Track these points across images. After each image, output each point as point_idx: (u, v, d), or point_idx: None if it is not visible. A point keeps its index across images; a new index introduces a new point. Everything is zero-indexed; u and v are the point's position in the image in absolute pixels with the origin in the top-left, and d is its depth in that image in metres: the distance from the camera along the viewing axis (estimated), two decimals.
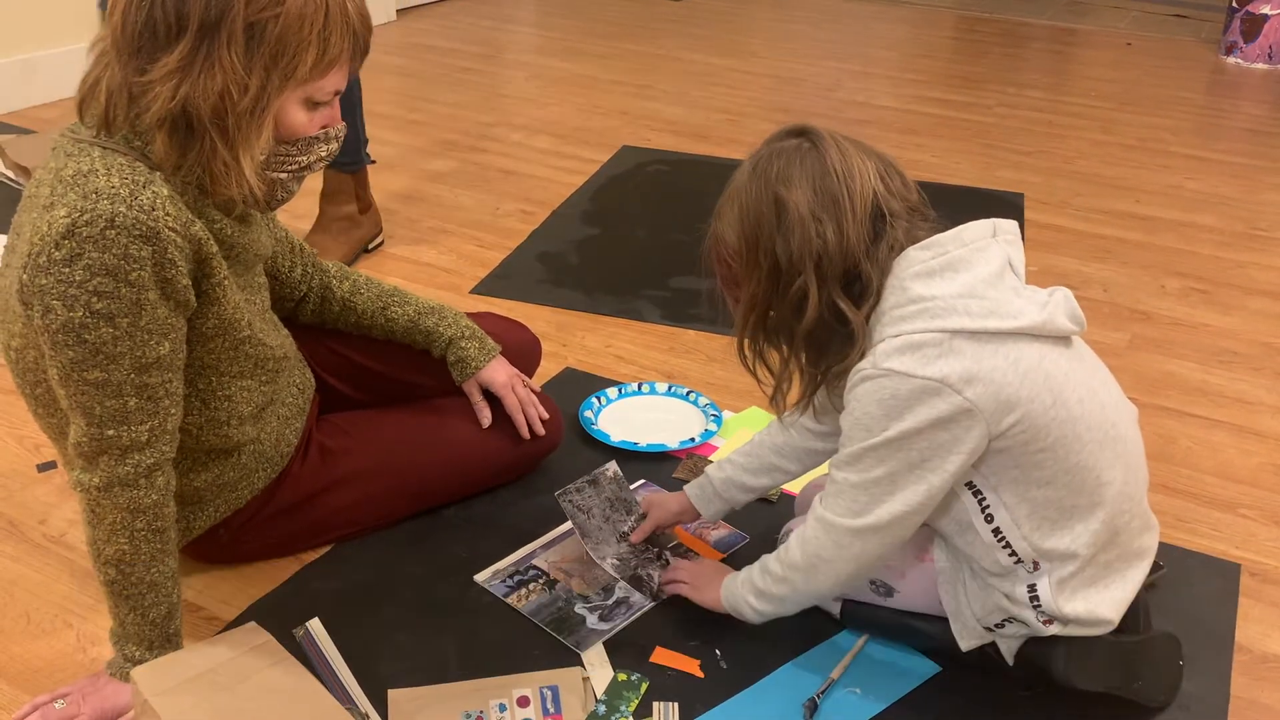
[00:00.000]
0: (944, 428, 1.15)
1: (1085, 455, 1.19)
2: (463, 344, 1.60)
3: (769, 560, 1.34)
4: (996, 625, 1.29)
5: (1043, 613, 1.25)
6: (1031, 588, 1.24)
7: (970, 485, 1.22)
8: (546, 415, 1.66)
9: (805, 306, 1.19)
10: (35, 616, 1.46)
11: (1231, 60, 4.31)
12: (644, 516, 1.57)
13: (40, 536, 1.61)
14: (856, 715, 1.33)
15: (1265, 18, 4.19)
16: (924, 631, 1.37)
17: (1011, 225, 1.24)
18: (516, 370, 1.65)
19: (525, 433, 1.63)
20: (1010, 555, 1.23)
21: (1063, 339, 1.21)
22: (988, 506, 1.22)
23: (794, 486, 1.68)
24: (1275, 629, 1.50)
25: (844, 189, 1.17)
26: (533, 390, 1.68)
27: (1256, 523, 1.71)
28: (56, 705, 1.27)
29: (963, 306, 1.15)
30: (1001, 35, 4.72)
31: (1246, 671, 1.42)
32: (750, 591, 1.35)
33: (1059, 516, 1.21)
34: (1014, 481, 1.20)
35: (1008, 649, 1.31)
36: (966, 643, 1.32)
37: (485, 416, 1.63)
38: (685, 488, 1.55)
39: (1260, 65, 4.25)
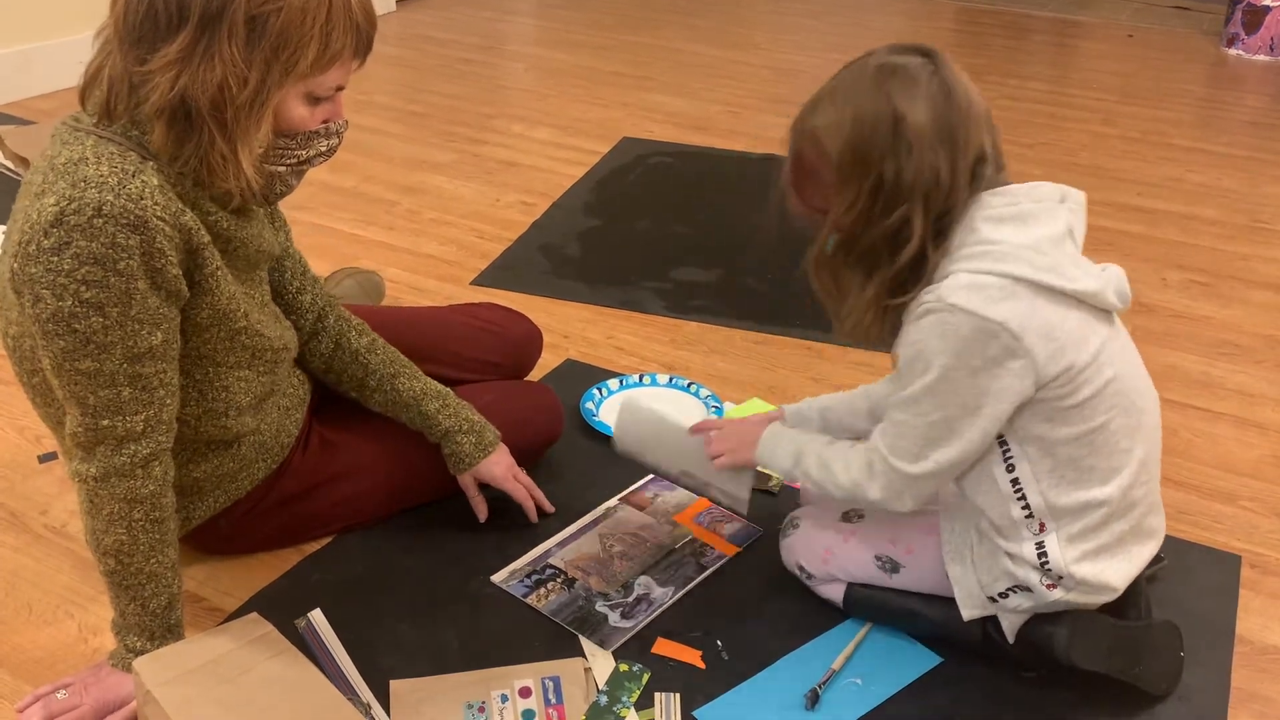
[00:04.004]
0: (998, 371, 1.16)
1: (1111, 420, 1.21)
2: (458, 438, 1.55)
3: (810, 460, 1.33)
4: (1000, 595, 1.29)
5: (1050, 573, 1.25)
6: (1040, 545, 1.25)
7: (997, 434, 1.23)
8: (551, 508, 1.63)
9: (902, 238, 1.16)
10: (37, 607, 1.46)
11: (1233, 52, 4.30)
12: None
13: (42, 527, 1.61)
14: (858, 706, 1.33)
15: (1266, 9, 4.18)
16: (928, 617, 1.37)
17: (1080, 196, 1.24)
18: (513, 462, 1.61)
19: (535, 518, 1.62)
20: (1024, 509, 1.24)
21: (1105, 313, 1.23)
22: (1010, 456, 1.23)
23: None
24: (1276, 621, 1.50)
25: (962, 123, 1.15)
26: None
27: (1257, 515, 1.71)
28: (59, 695, 1.27)
29: (1027, 256, 1.15)
30: (1003, 27, 4.71)
31: (1247, 663, 1.42)
32: (790, 463, 1.37)
33: (1078, 476, 1.23)
34: (1041, 436, 1.21)
35: (1009, 625, 1.31)
36: (969, 611, 1.32)
37: (481, 512, 1.60)
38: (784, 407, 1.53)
39: (1261, 57, 4.24)
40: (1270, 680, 1.40)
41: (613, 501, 1.67)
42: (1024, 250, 1.16)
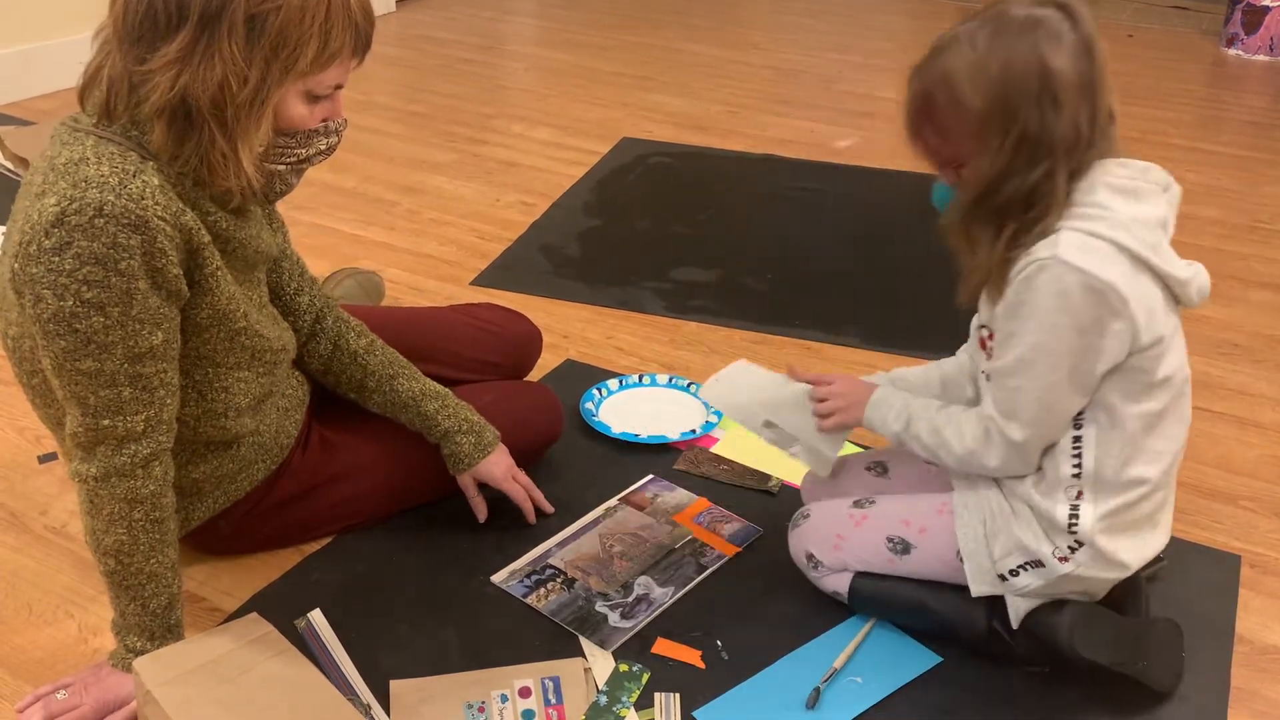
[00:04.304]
0: (1102, 330, 1.17)
1: (1169, 406, 1.25)
2: (457, 438, 1.55)
3: (921, 425, 1.33)
4: (1010, 572, 1.30)
5: (1075, 535, 1.26)
6: (1074, 509, 1.26)
7: None
8: (550, 509, 1.64)
9: (1041, 193, 1.15)
10: (37, 607, 1.47)
11: (1232, 52, 4.30)
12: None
13: (41, 528, 1.61)
14: (857, 704, 1.33)
15: (1266, 9, 4.17)
16: (933, 609, 1.38)
17: (1179, 190, 1.27)
18: (512, 462, 1.60)
19: (533, 519, 1.61)
20: (1074, 469, 1.25)
21: (1176, 305, 1.26)
22: (1082, 416, 1.24)
23: (794, 478, 1.68)
24: (1275, 620, 1.50)
25: (1100, 81, 1.16)
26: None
27: (1257, 514, 1.71)
28: (59, 696, 1.28)
29: (1136, 231, 1.18)
30: None
31: (1246, 663, 1.42)
32: (899, 426, 1.36)
33: (1133, 454, 1.25)
34: (1113, 406, 1.23)
35: (1015, 611, 1.32)
36: (978, 587, 1.32)
37: (481, 513, 1.59)
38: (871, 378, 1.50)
39: (1261, 57, 4.23)
40: (1269, 680, 1.40)
41: (613, 502, 1.68)
42: (1134, 224, 1.18)
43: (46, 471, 1.73)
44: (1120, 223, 1.17)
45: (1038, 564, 1.28)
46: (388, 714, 1.30)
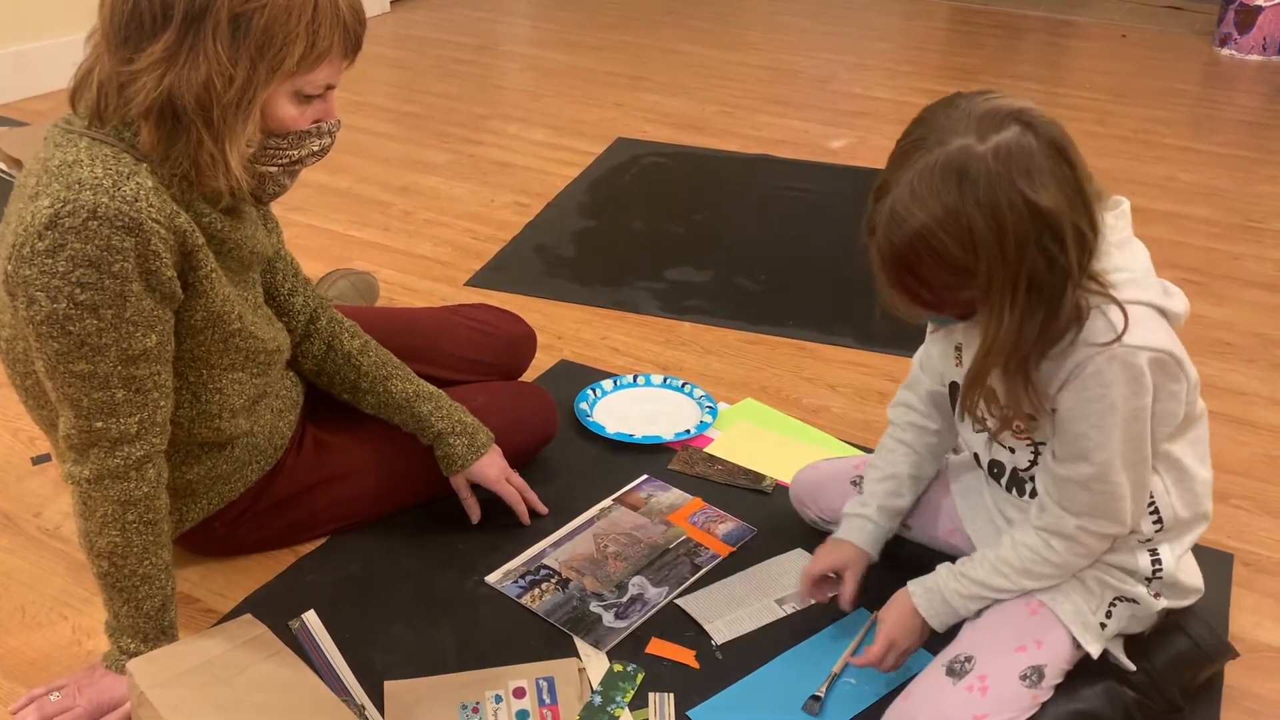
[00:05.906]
0: (1164, 395, 1.14)
1: (1203, 431, 1.26)
2: (451, 440, 1.55)
3: (984, 578, 1.27)
4: (1106, 615, 1.27)
5: (1160, 581, 1.26)
6: (1154, 553, 1.25)
7: None
8: (544, 510, 1.64)
9: (1067, 317, 1.06)
10: (31, 609, 1.47)
11: (1226, 52, 4.31)
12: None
13: (35, 529, 1.61)
14: (852, 705, 1.33)
15: (1259, 9, 4.18)
16: (1092, 709, 1.29)
17: (1127, 206, 1.20)
18: (505, 464, 1.60)
19: (527, 520, 1.61)
20: (1155, 524, 1.24)
21: None
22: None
23: (785, 476, 1.68)
24: (1268, 619, 1.50)
25: (1083, 176, 1.05)
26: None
27: (1250, 513, 1.72)
28: (52, 698, 1.28)
29: (1151, 282, 1.14)
30: (997, 27, 4.72)
31: (1239, 661, 1.42)
32: (975, 604, 1.29)
33: (1195, 489, 1.25)
34: (1166, 452, 1.22)
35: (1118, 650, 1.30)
36: (1096, 647, 1.27)
37: (474, 514, 1.59)
38: (847, 536, 1.42)
39: (1254, 57, 4.24)
40: (1263, 678, 1.41)
41: (607, 502, 1.68)
42: (1146, 276, 1.14)
43: (40, 473, 1.73)
44: (1140, 280, 1.12)
45: (1130, 600, 1.27)
46: (382, 715, 1.30)
